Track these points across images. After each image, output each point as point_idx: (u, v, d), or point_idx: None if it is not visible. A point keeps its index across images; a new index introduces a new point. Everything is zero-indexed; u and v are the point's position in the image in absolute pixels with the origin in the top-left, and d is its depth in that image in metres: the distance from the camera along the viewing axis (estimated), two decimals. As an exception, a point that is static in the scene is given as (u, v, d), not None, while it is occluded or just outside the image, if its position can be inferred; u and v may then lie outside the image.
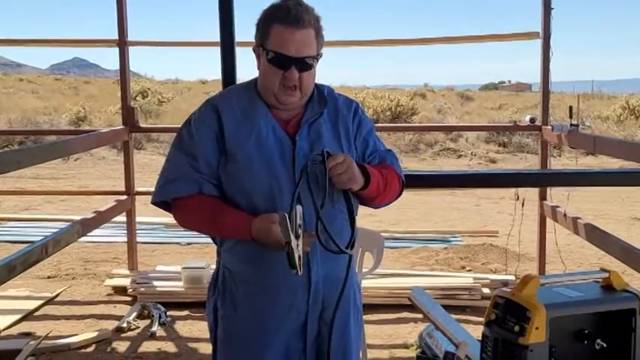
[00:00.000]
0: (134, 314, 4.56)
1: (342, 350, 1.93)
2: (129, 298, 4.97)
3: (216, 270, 1.98)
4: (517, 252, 5.51)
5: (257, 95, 1.89)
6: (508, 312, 1.64)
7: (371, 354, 3.70)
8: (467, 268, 5.70)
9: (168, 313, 4.57)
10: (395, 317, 4.35)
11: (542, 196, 5.09)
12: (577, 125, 4.57)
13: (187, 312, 4.68)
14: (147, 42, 5.76)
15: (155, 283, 5.01)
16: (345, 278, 1.82)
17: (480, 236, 7.00)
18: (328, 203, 1.76)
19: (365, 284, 3.58)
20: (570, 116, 4.62)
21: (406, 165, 13.00)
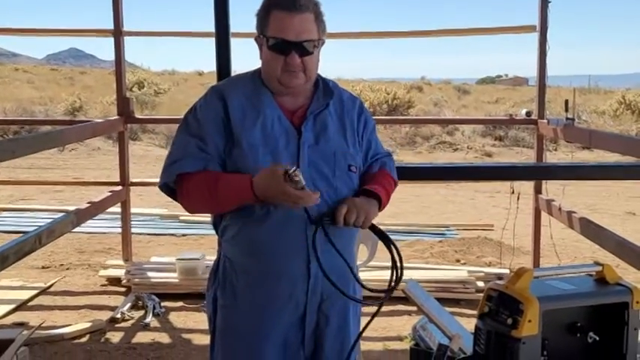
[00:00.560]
0: (128, 305, 4.56)
1: (340, 342, 1.94)
2: (123, 289, 4.97)
3: (216, 260, 1.98)
4: (512, 245, 5.52)
5: (262, 84, 1.89)
6: (501, 305, 1.63)
7: (365, 346, 3.70)
8: (461, 262, 5.71)
9: (162, 304, 4.57)
10: (389, 310, 4.35)
11: (537, 190, 5.10)
12: (573, 119, 4.57)
13: (182, 303, 4.67)
14: (143, 32, 5.73)
15: (149, 274, 5.00)
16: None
17: (475, 230, 7.01)
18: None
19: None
20: (566, 110, 4.62)
21: (402, 158, 13.01)
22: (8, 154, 3.51)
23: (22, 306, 4.64)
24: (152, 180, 8.31)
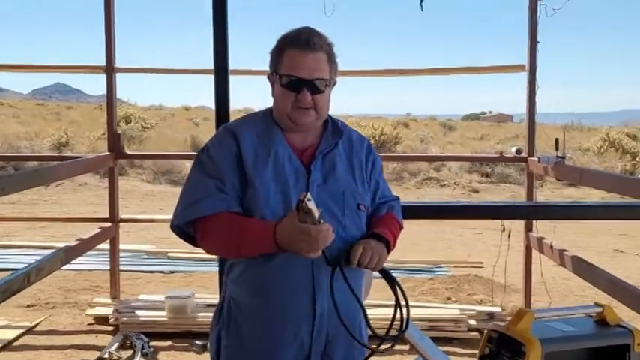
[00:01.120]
0: (116, 344, 4.48)
1: None
2: (111, 328, 4.89)
3: (221, 299, 1.97)
4: (502, 283, 5.51)
5: (273, 122, 1.91)
6: (502, 346, 1.63)
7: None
8: (452, 299, 5.68)
9: (151, 344, 4.49)
10: (381, 348, 4.30)
11: (528, 228, 5.12)
12: (563, 157, 4.63)
13: (170, 342, 4.60)
14: (135, 69, 5.74)
15: (138, 313, 4.93)
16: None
17: (465, 267, 7.00)
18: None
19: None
20: (556, 148, 4.68)
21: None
22: (-2, 192, 3.48)
23: (7, 346, 4.54)
24: (142, 217, 8.31)
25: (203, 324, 4.65)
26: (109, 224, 5.38)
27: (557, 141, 4.68)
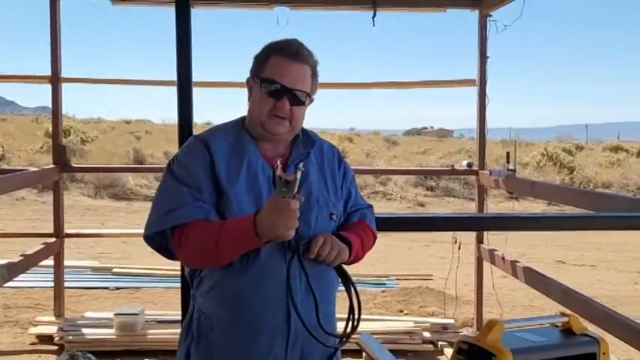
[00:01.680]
0: (62, 364, 4.31)
1: None
2: (55, 347, 4.72)
3: (189, 314, 1.90)
4: (453, 295, 5.57)
5: (245, 131, 1.88)
6: (473, 358, 1.63)
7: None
8: (404, 312, 5.72)
9: (99, 363, 4.35)
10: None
11: (479, 240, 5.20)
12: (514, 170, 4.74)
13: (119, 361, 4.46)
14: (83, 79, 5.59)
15: (84, 331, 4.77)
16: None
17: (415, 279, 7.06)
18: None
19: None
20: (507, 161, 4.79)
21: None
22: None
23: (-57, 368, 4.32)
24: (89, 231, 8.05)
25: (153, 341, 4.54)
26: (54, 239, 5.19)
27: (508, 154, 4.80)
